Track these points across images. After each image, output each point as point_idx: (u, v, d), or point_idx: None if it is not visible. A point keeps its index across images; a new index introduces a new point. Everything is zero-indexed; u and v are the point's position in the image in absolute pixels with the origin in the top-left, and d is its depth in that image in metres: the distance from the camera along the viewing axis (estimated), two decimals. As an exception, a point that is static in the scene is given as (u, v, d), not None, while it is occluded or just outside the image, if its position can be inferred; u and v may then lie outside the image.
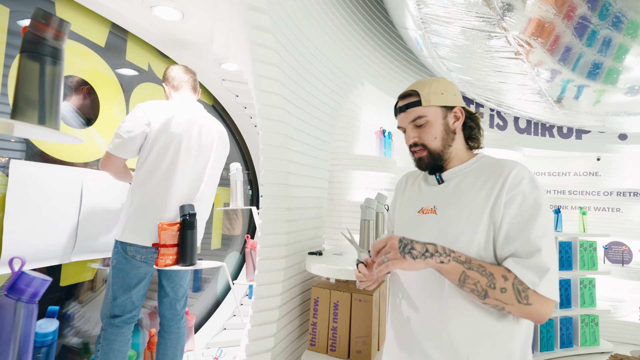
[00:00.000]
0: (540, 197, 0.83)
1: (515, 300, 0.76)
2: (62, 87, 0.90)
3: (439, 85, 0.97)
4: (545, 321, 0.78)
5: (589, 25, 1.70)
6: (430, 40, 2.23)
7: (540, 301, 0.76)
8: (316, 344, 1.57)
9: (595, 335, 3.02)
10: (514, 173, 0.85)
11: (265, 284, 1.52)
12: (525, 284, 0.76)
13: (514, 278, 0.77)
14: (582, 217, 3.25)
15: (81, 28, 1.69)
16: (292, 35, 1.62)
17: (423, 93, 0.95)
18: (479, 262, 0.80)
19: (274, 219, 1.56)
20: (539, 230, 0.80)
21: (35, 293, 1.05)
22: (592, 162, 3.95)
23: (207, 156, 1.71)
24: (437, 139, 0.95)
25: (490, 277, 0.78)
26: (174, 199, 1.60)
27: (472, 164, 0.95)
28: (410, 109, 0.96)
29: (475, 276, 0.78)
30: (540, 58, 2.06)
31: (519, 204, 0.83)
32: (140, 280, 1.58)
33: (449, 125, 0.96)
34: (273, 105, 1.52)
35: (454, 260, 0.80)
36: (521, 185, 0.84)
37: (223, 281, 2.91)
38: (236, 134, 3.06)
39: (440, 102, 0.95)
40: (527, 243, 0.79)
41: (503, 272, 0.78)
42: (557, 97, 2.62)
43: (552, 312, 0.78)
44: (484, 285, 0.78)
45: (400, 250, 0.80)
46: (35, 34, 0.83)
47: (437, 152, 0.95)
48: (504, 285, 0.77)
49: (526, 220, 0.81)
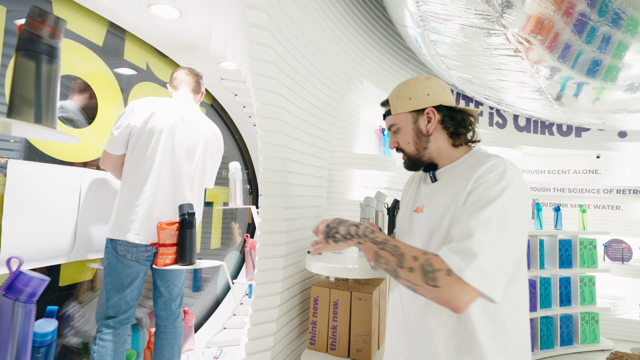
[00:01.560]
0: (504, 191, 0.77)
1: (422, 281, 0.74)
2: (58, 86, 0.89)
3: (408, 89, 0.97)
4: (460, 310, 0.72)
5: (588, 22, 1.70)
6: (429, 38, 2.22)
7: (451, 285, 0.71)
8: (316, 343, 1.56)
9: (596, 333, 3.02)
10: (489, 165, 0.82)
11: (265, 282, 1.52)
12: (435, 266, 0.73)
13: (426, 260, 0.75)
14: (582, 214, 3.25)
15: (79, 27, 1.68)
16: (290, 33, 1.62)
17: (392, 102, 0.99)
18: (396, 243, 0.81)
19: (273, 218, 1.55)
20: (482, 219, 0.75)
21: (33, 293, 1.04)
22: (591, 160, 3.95)
23: (193, 155, 1.69)
24: (410, 144, 0.97)
25: (400, 257, 0.79)
26: (159, 196, 1.58)
27: (464, 160, 0.93)
28: (386, 118, 1.01)
29: (386, 256, 0.81)
30: (539, 55, 2.06)
31: (479, 192, 0.79)
32: (133, 279, 1.57)
33: (420, 129, 0.96)
34: (272, 103, 1.52)
35: (370, 241, 0.84)
36: (489, 175, 0.80)
37: (223, 280, 2.91)
38: (235, 133, 3.05)
39: (408, 107, 0.96)
40: (463, 228, 0.76)
41: (416, 253, 0.78)
42: (556, 95, 2.62)
43: (469, 302, 0.72)
44: (393, 264, 0.79)
45: (325, 235, 0.90)
46: (31, 32, 0.83)
47: (413, 155, 0.98)
48: (412, 265, 0.76)
49: (474, 207, 0.77)
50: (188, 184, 1.68)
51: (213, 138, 1.79)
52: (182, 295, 1.79)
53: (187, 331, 2.16)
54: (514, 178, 0.80)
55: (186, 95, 1.76)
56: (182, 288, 1.78)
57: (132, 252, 1.55)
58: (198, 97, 1.83)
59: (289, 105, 1.60)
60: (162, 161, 1.60)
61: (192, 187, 1.71)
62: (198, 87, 1.82)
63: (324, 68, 1.92)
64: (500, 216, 0.75)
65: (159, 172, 1.59)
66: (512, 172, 0.81)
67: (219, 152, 1.85)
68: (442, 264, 0.74)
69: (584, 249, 3.03)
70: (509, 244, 0.76)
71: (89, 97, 1.74)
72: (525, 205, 0.81)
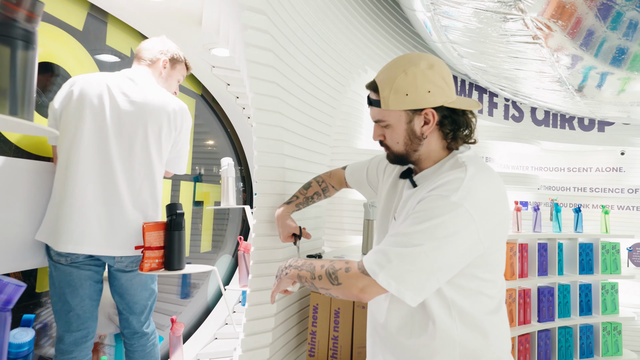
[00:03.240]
0: (446, 208, 0.78)
1: (330, 284, 0.85)
2: (35, 75, 0.89)
3: (406, 82, 0.87)
4: (365, 300, 0.82)
5: (613, 6, 1.70)
6: (440, 23, 2.22)
7: (350, 279, 0.82)
8: (315, 355, 1.57)
9: (618, 345, 3.03)
10: (445, 179, 0.83)
11: (260, 289, 1.52)
12: (336, 267, 0.84)
13: (330, 264, 0.86)
14: (604, 216, 3.26)
15: (56, 9, 1.67)
16: (288, 17, 1.61)
17: (383, 94, 0.89)
18: (312, 262, 0.91)
19: (269, 219, 1.55)
20: (413, 234, 0.78)
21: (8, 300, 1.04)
22: (615, 157, 3.95)
23: (133, 138, 1.49)
24: (400, 144, 0.93)
25: (312, 270, 0.89)
26: (79, 190, 1.41)
27: (439, 167, 0.93)
28: (372, 107, 0.95)
29: (304, 274, 0.91)
30: (560, 43, 2.06)
31: (418, 205, 0.83)
32: (75, 288, 1.44)
33: (414, 131, 0.91)
34: (268, 94, 1.51)
35: (293, 268, 0.94)
36: (439, 189, 0.82)
37: (214, 287, 2.91)
38: (227, 126, 3.05)
39: (403, 105, 0.88)
40: (391, 238, 0.82)
41: (324, 262, 0.88)
42: (578, 86, 2.62)
43: (371, 290, 0.80)
44: (309, 279, 0.89)
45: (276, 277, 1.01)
46: (6, 15, 0.82)
47: (400, 155, 0.96)
48: (320, 273, 0.87)
49: (410, 221, 0.81)
50: (123, 173, 1.48)
51: (158, 110, 1.54)
52: (147, 311, 1.65)
53: (175, 342, 2.17)
54: (464, 199, 0.79)
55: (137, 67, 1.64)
56: (146, 304, 1.63)
57: (65, 255, 1.42)
58: (138, 63, 1.65)
59: (286, 96, 1.60)
60: (83, 148, 1.43)
61: (131, 176, 1.50)
62: (138, 53, 1.65)
63: (325, 56, 1.92)
64: (430, 234, 0.78)
65: (78, 161, 1.42)
66: (464, 193, 0.79)
67: (163, 127, 1.56)
68: (342, 264, 0.85)
69: (607, 253, 3.04)
70: (435, 261, 0.78)
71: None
72: (475, 227, 0.79)
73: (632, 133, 3.72)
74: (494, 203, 0.84)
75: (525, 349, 2.65)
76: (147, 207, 1.54)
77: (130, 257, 1.52)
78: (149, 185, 1.54)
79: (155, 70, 1.67)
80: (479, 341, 0.87)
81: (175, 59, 1.72)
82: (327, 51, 1.94)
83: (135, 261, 1.54)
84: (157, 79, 1.67)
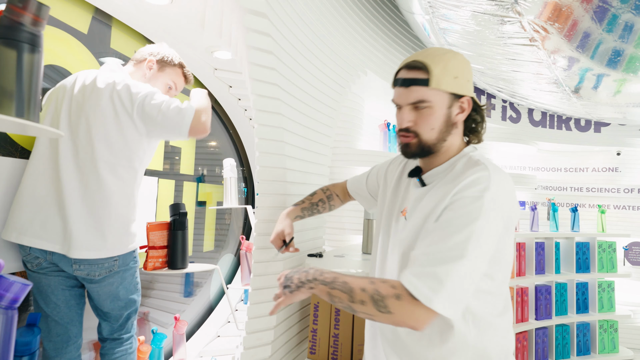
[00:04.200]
0: (481, 210, 0.76)
1: (376, 311, 0.76)
2: (41, 77, 0.89)
3: (456, 65, 0.86)
4: (419, 329, 0.75)
5: (609, 8, 1.69)
6: (439, 26, 2.22)
7: (403, 308, 0.74)
8: (316, 353, 1.57)
9: (615, 342, 3.03)
10: (472, 179, 0.80)
11: (262, 288, 1.52)
12: (383, 293, 0.75)
13: (374, 289, 0.76)
14: (601, 215, 3.26)
15: (62, 13, 1.68)
16: (289, 20, 1.61)
17: (435, 72, 0.84)
18: (345, 279, 0.81)
19: (270, 219, 1.55)
20: (457, 244, 0.75)
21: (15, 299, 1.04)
22: (611, 157, 3.94)
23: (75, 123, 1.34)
24: (434, 130, 0.87)
25: (350, 292, 0.79)
26: (37, 179, 1.31)
27: (452, 164, 0.90)
28: (414, 87, 0.86)
29: (338, 294, 0.80)
30: (556, 45, 2.06)
31: (454, 211, 0.78)
32: (46, 296, 1.34)
33: (450, 117, 0.88)
34: (269, 96, 1.51)
35: (320, 283, 0.83)
36: (468, 191, 0.78)
37: (216, 285, 2.91)
38: (229, 127, 3.05)
39: (451, 88, 0.86)
40: (432, 252, 0.76)
41: (363, 284, 0.78)
42: (574, 87, 2.62)
43: (427, 320, 0.75)
44: (346, 301, 0.79)
45: (284, 288, 0.88)
46: (12, 19, 0.82)
47: (428, 144, 0.88)
48: (363, 298, 0.77)
49: (446, 230, 0.77)
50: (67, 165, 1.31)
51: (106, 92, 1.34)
52: (124, 320, 1.48)
53: (179, 339, 2.17)
54: (495, 196, 0.78)
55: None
56: (120, 313, 1.46)
57: (29, 259, 1.32)
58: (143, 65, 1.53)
59: (287, 98, 1.60)
60: (41, 139, 1.34)
61: (76, 168, 1.31)
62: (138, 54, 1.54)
63: (325, 58, 1.92)
64: (476, 243, 0.75)
65: (36, 152, 1.33)
66: (494, 190, 0.79)
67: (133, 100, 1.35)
68: (389, 289, 0.75)
69: (603, 252, 3.04)
70: (477, 267, 0.77)
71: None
72: (503, 224, 0.81)
73: (627, 134, 3.72)
74: (514, 199, 0.85)
75: (523, 347, 2.64)
76: (95, 205, 1.31)
77: (90, 266, 1.32)
78: (95, 180, 1.31)
79: (139, 70, 1.53)
80: (490, 343, 0.85)
81: (165, 61, 1.56)
82: (327, 53, 1.94)
83: (99, 270, 1.34)
84: (141, 79, 1.51)
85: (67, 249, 1.28)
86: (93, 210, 1.31)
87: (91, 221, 1.30)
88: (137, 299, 1.51)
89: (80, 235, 1.28)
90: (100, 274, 1.34)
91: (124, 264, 1.40)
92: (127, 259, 1.42)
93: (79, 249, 1.28)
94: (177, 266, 1.88)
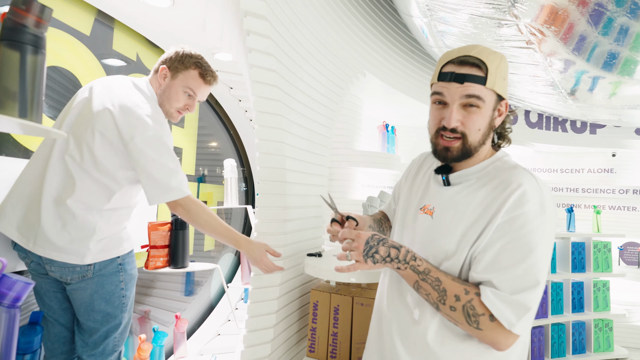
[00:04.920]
0: (545, 225, 0.76)
1: (464, 321, 0.77)
2: (44, 78, 0.89)
3: (504, 66, 0.83)
4: (503, 350, 0.77)
5: (605, 12, 1.70)
6: (437, 29, 2.22)
7: (495, 330, 0.74)
8: (315, 351, 1.57)
9: (609, 341, 3.03)
10: (519, 193, 0.76)
11: (262, 287, 1.52)
12: (478, 310, 0.75)
13: (468, 301, 0.76)
14: (596, 216, 3.26)
15: (65, 15, 1.68)
16: (289, 22, 1.61)
17: (492, 69, 0.80)
18: (438, 275, 0.80)
19: (270, 219, 1.55)
20: (534, 266, 0.74)
21: (17, 297, 1.04)
22: (607, 158, 3.95)
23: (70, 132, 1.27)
24: (481, 131, 0.82)
25: (442, 293, 0.78)
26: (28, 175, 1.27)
27: (485, 167, 0.86)
28: (470, 84, 0.79)
29: (427, 288, 0.80)
30: (553, 47, 2.06)
31: (516, 228, 0.75)
32: (40, 297, 1.32)
33: (493, 119, 0.85)
34: (269, 97, 1.51)
35: (410, 268, 0.81)
36: (525, 207, 0.76)
37: (217, 284, 2.91)
38: (230, 128, 3.05)
39: (499, 89, 0.82)
40: (514, 277, 0.74)
41: (458, 291, 0.77)
42: (570, 89, 2.62)
43: (512, 343, 0.77)
44: (434, 298, 0.79)
45: (364, 254, 0.82)
46: (15, 21, 0.82)
47: (472, 147, 0.83)
48: (454, 305, 0.77)
49: (520, 250, 0.75)
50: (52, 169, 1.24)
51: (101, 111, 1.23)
52: (99, 337, 1.32)
53: (179, 338, 2.17)
54: (550, 205, 0.78)
55: None
56: (96, 327, 1.31)
57: (23, 258, 1.29)
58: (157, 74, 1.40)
59: (287, 99, 1.60)
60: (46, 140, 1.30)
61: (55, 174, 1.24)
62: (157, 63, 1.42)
63: (324, 60, 1.92)
64: (546, 255, 0.76)
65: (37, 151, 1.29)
66: (548, 199, 0.78)
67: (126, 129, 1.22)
68: (485, 309, 0.75)
69: (598, 252, 3.04)
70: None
71: (75, 90, 1.74)
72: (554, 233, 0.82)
73: (623, 135, 3.72)
74: None
75: (520, 345, 2.65)
76: (65, 214, 1.22)
77: (61, 269, 1.24)
78: (69, 189, 1.23)
79: (155, 80, 1.40)
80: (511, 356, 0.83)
81: (177, 67, 1.38)
82: (327, 55, 1.94)
83: (70, 274, 1.24)
84: (157, 90, 1.40)
85: (31, 244, 1.20)
86: (63, 212, 1.22)
87: (59, 223, 1.22)
88: (118, 315, 1.33)
89: (50, 236, 1.20)
90: (72, 279, 1.25)
91: (100, 270, 1.28)
92: (107, 266, 1.30)
93: (42, 247, 1.20)
94: (178, 265, 1.88)
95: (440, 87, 0.83)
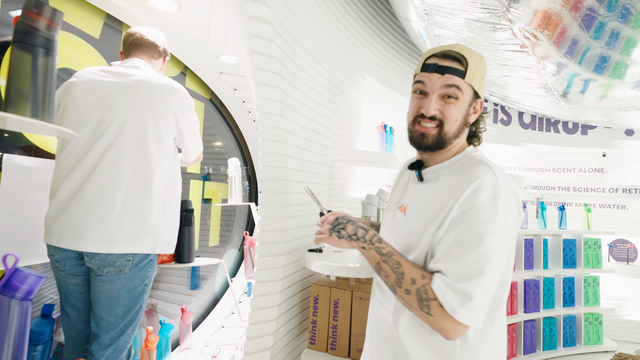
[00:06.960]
0: (497, 217, 0.75)
1: (417, 305, 0.76)
2: (55, 80, 0.89)
3: (483, 66, 0.86)
4: (451, 339, 0.75)
5: (596, 17, 1.69)
6: (434, 33, 2.21)
7: (444, 317, 0.73)
8: (316, 343, 1.57)
9: (599, 334, 3.03)
10: (474, 186, 0.76)
11: (264, 281, 1.52)
12: (430, 295, 0.74)
13: (422, 285, 0.75)
14: (587, 214, 3.25)
15: (75, 19, 1.67)
16: (291, 26, 1.61)
17: (471, 65, 0.83)
18: (399, 259, 0.80)
19: (273, 216, 1.55)
20: (482, 255, 0.73)
21: (29, 290, 1.05)
22: (597, 158, 3.94)
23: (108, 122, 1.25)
24: (457, 122, 0.84)
25: (400, 276, 0.78)
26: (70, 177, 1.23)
27: (454, 162, 0.86)
28: (450, 75, 0.82)
29: (387, 270, 0.80)
30: (546, 51, 2.05)
31: (469, 219, 0.75)
32: (65, 297, 1.30)
33: (468, 115, 0.86)
34: (272, 98, 1.51)
35: (374, 249, 0.82)
36: (478, 199, 0.75)
37: (221, 279, 2.92)
38: (234, 128, 3.05)
39: (477, 86, 0.85)
40: (462, 266, 0.74)
41: (415, 275, 0.77)
42: (562, 92, 2.61)
43: (460, 333, 0.75)
44: (392, 280, 0.79)
45: (331, 227, 0.86)
46: (27, 24, 0.82)
47: (447, 137, 0.84)
48: (409, 288, 0.77)
49: (470, 241, 0.74)
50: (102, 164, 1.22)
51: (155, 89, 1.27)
52: (116, 333, 1.28)
53: (185, 329, 2.17)
54: (506, 198, 0.77)
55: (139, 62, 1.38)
56: (116, 322, 1.27)
57: (50, 257, 1.29)
58: (158, 63, 1.44)
59: (289, 101, 1.60)
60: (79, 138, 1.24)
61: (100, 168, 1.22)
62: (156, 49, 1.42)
63: (325, 63, 1.92)
64: (497, 246, 0.75)
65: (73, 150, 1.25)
66: (504, 192, 0.77)
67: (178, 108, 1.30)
68: (434, 292, 0.75)
69: (589, 249, 3.04)
70: (498, 275, 0.77)
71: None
72: (514, 223, 0.79)
73: (613, 136, 3.71)
74: (519, 197, 0.83)
75: (512, 338, 2.65)
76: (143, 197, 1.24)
77: (100, 260, 1.22)
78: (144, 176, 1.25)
79: (156, 66, 1.50)
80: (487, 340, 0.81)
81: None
82: (327, 58, 1.93)
83: (108, 266, 1.22)
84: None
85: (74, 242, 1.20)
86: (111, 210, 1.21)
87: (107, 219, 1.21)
88: (138, 311, 1.32)
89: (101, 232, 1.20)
90: (109, 271, 1.23)
91: (136, 265, 1.26)
92: (142, 260, 1.28)
93: (94, 243, 1.19)
94: (183, 260, 1.88)
95: (423, 76, 0.86)
